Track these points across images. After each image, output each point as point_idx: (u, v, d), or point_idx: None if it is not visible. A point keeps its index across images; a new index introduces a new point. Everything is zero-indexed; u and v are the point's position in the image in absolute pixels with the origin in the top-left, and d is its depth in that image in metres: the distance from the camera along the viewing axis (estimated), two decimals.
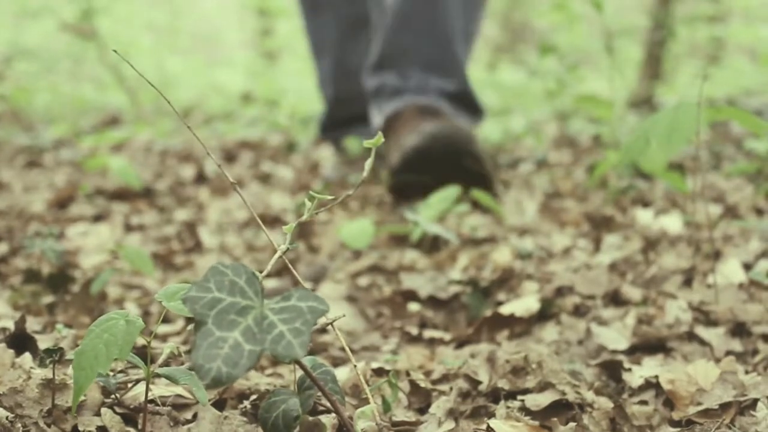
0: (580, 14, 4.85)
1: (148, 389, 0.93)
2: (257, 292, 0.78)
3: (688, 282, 1.65)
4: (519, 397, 1.13)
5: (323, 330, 1.27)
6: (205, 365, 0.72)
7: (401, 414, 1.08)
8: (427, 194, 2.15)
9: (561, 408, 1.12)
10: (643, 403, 1.17)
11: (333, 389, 0.91)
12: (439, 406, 1.09)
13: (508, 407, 1.09)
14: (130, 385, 1.05)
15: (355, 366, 0.94)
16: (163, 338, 1.44)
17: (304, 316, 0.75)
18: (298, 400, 0.90)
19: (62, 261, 1.74)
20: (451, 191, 2.11)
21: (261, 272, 0.90)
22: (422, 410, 1.13)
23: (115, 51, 1.04)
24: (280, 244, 0.96)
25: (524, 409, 1.10)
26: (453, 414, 1.11)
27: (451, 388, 1.16)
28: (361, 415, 0.95)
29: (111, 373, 1.03)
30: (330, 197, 0.93)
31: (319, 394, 1.05)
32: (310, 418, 0.98)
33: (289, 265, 1.00)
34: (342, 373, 1.23)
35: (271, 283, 1.79)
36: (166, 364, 1.07)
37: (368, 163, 0.97)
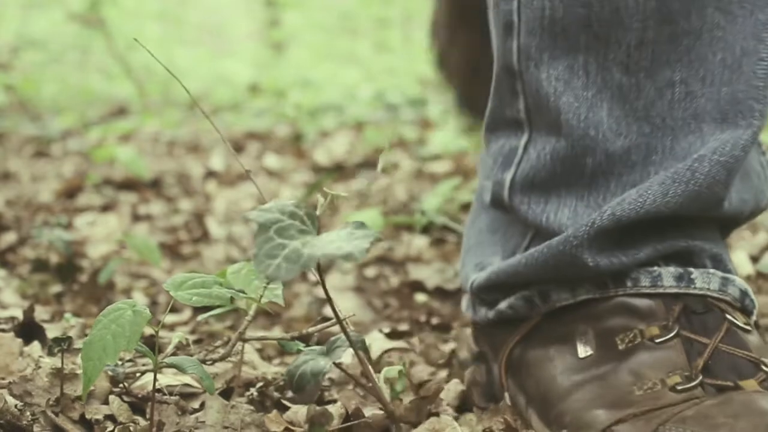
0: None
1: (155, 378, 0.93)
2: (315, 225, 0.81)
3: None
4: None
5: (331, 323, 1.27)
6: (265, 261, 0.75)
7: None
8: None
9: None
10: None
11: (362, 348, 0.93)
12: (449, 389, 1.10)
13: None
14: (138, 374, 1.05)
15: (364, 356, 0.94)
16: (171, 328, 1.44)
17: (362, 237, 0.77)
18: (327, 359, 0.92)
19: (70, 251, 1.74)
20: (456, 180, 2.10)
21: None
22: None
23: (136, 40, 1.04)
24: None
25: None
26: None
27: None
28: (387, 373, 0.96)
29: (119, 363, 1.03)
30: (342, 193, 0.93)
31: (329, 384, 1.06)
32: (318, 408, 0.98)
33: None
34: (349, 358, 1.24)
35: None
36: (174, 353, 1.07)
37: (382, 158, 0.97)
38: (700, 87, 0.98)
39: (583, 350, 0.97)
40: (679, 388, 0.87)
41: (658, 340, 0.92)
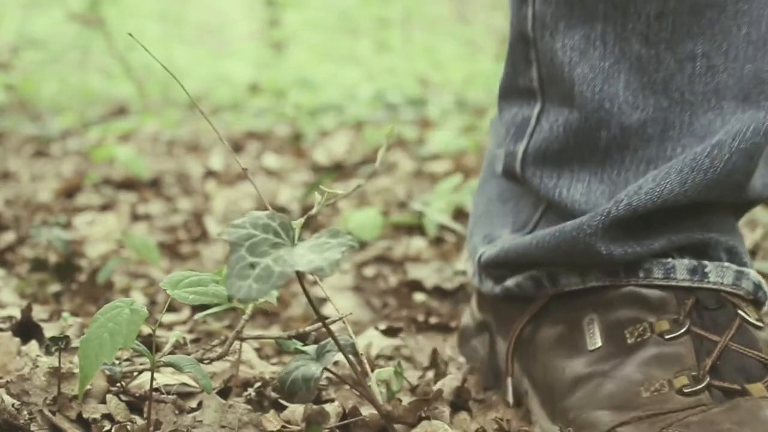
0: None
1: (153, 377, 0.93)
2: (289, 235, 0.80)
3: None
4: None
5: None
6: (236, 282, 0.75)
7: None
8: None
9: None
10: None
11: (352, 352, 0.93)
12: (445, 384, 1.10)
13: None
14: (135, 373, 1.05)
15: (361, 355, 0.94)
16: (169, 327, 1.44)
17: (335, 247, 0.77)
18: (318, 364, 0.92)
19: (69, 250, 1.74)
20: (456, 179, 2.10)
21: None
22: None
23: (131, 35, 1.04)
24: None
25: None
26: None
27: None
28: (379, 375, 0.95)
29: (116, 362, 1.03)
30: (340, 192, 0.93)
31: (326, 383, 1.06)
32: (315, 407, 0.98)
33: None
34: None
35: None
36: (171, 352, 1.07)
37: (381, 153, 0.97)
38: (722, 61, 0.94)
39: (591, 341, 0.95)
40: (687, 390, 0.85)
41: (667, 336, 0.90)
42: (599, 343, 0.94)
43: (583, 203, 0.98)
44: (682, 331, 0.90)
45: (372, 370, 0.95)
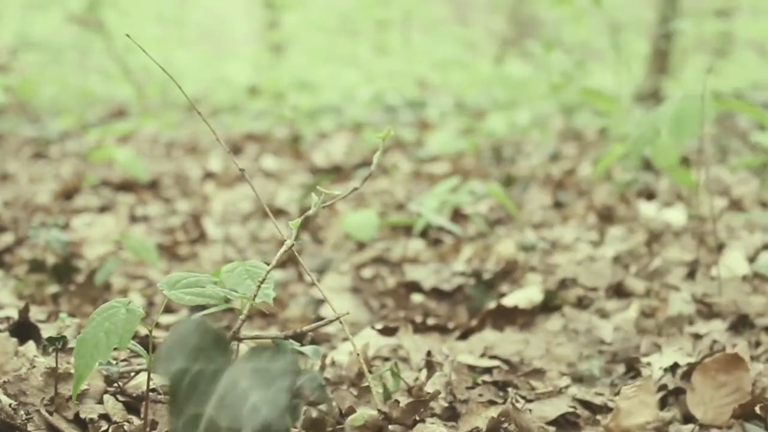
0: (586, 8, 4.83)
1: (150, 378, 0.93)
2: (225, 350, 0.73)
3: (691, 274, 1.65)
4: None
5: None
6: None
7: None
8: None
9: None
10: None
11: (320, 396, 0.91)
12: (434, 382, 1.10)
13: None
14: (132, 374, 1.05)
15: (358, 355, 0.94)
16: (166, 328, 1.44)
17: (275, 382, 0.70)
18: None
19: (67, 251, 1.74)
20: (454, 180, 2.10)
21: (267, 264, 0.90)
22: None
23: (128, 35, 1.04)
24: (286, 237, 0.96)
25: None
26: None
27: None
28: (353, 422, 0.95)
29: (113, 362, 1.03)
30: (336, 192, 0.92)
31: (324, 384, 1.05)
32: (314, 416, 0.98)
33: (298, 258, 1.01)
34: (344, 357, 1.24)
35: (277, 275, 1.80)
36: None
37: (377, 156, 0.97)
38: None
39: None
40: None
41: None
42: None
43: None
44: None
45: (370, 372, 0.95)
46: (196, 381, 0.70)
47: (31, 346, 1.16)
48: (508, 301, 1.52)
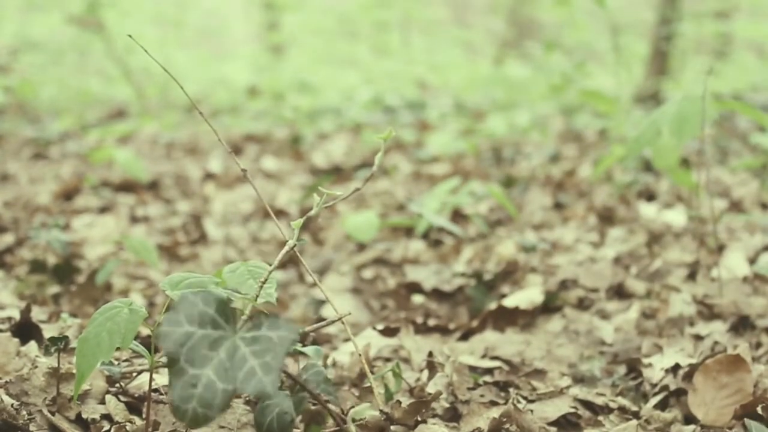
0: (585, 10, 4.83)
1: (152, 378, 0.93)
2: (230, 319, 0.76)
3: (692, 275, 1.65)
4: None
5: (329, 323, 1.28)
6: (181, 406, 0.71)
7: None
8: None
9: None
10: None
11: (325, 389, 0.91)
12: (435, 383, 1.10)
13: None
14: (134, 374, 1.05)
15: (360, 356, 0.94)
16: None
17: (275, 348, 0.74)
18: (292, 403, 0.90)
19: (67, 252, 1.74)
20: (453, 182, 2.10)
21: (269, 264, 0.90)
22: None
23: (130, 36, 1.04)
24: (288, 237, 0.96)
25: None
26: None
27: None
28: (355, 414, 0.95)
29: (115, 362, 1.03)
30: (338, 193, 0.92)
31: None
32: (313, 408, 0.98)
33: (300, 258, 1.01)
34: (345, 358, 1.24)
35: (277, 276, 1.80)
36: None
37: (378, 157, 0.97)
38: None
39: None
40: None
41: None
42: None
43: None
44: None
45: (371, 371, 0.95)
46: (199, 345, 0.73)
47: (32, 347, 1.16)
48: (509, 302, 1.52)
